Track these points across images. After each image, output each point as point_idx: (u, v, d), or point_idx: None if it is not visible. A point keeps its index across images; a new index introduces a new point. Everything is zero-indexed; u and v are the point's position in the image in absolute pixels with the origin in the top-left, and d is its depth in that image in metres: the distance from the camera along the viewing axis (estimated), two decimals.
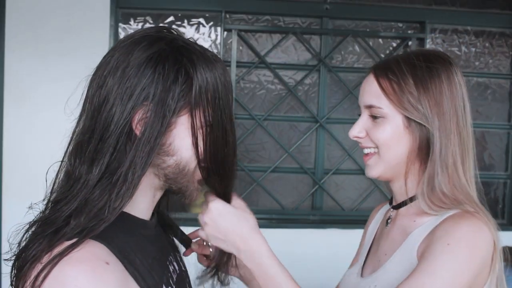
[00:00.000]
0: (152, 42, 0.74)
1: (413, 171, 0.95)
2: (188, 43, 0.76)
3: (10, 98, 2.29)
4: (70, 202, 0.70)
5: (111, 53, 0.75)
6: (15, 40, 2.27)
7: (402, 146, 0.94)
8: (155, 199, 0.82)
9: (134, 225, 0.75)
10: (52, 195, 0.75)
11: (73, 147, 0.75)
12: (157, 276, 0.77)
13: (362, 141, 0.98)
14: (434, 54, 0.97)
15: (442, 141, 0.91)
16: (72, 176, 0.73)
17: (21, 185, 2.28)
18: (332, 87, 2.62)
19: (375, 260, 1.03)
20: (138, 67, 0.72)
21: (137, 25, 2.49)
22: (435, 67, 0.93)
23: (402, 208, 0.99)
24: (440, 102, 0.91)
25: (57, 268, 0.63)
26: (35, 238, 0.68)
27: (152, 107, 0.71)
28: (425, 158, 0.93)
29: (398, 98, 0.92)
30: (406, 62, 0.94)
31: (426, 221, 0.93)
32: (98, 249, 0.67)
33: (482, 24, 2.68)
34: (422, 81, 0.92)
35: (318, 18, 2.58)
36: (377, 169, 0.97)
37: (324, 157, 2.62)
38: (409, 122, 0.92)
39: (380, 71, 0.96)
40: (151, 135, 0.71)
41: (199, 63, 0.74)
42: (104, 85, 0.72)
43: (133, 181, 0.71)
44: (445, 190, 0.91)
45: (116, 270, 0.67)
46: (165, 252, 0.86)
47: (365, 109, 0.98)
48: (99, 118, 0.72)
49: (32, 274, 0.64)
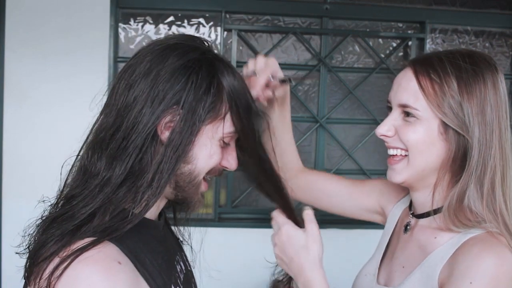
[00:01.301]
0: (187, 50, 0.76)
1: (443, 182, 0.88)
2: (218, 56, 0.79)
3: (10, 98, 2.29)
4: (88, 198, 0.71)
5: (143, 54, 0.76)
6: (15, 40, 2.27)
7: (434, 153, 0.86)
8: (163, 202, 0.84)
9: (143, 226, 0.76)
10: (66, 189, 0.75)
11: (92, 142, 0.76)
12: (166, 276, 0.78)
13: (390, 141, 0.90)
14: (480, 57, 0.89)
15: (481, 154, 0.82)
16: (88, 171, 0.73)
17: (20, 185, 2.28)
18: (332, 87, 2.61)
19: (391, 269, 0.98)
20: (172, 72, 0.73)
21: (137, 25, 2.49)
22: (481, 71, 0.85)
23: (423, 219, 0.92)
24: (484, 111, 0.83)
25: (70, 267, 0.63)
26: (54, 234, 0.68)
27: (182, 114, 0.73)
28: (457, 170, 0.85)
29: (438, 100, 0.83)
30: (451, 62, 0.85)
31: (447, 240, 0.86)
32: (110, 249, 0.67)
33: (482, 24, 2.68)
34: (466, 85, 0.83)
35: (318, 18, 2.58)
36: (403, 174, 0.89)
37: (324, 157, 2.61)
38: (446, 129, 0.84)
39: (421, 67, 0.86)
40: (180, 143, 0.72)
41: (230, 75, 0.77)
42: (135, 85, 0.73)
43: (158, 187, 0.73)
44: (474, 208, 0.83)
45: (128, 270, 0.68)
46: (172, 252, 0.87)
47: (397, 107, 0.89)
48: (127, 117, 0.72)
49: (49, 268, 0.64)
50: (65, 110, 2.26)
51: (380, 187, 1.12)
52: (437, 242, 0.87)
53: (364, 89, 2.62)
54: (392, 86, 0.92)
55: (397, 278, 0.94)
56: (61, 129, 2.21)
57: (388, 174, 0.93)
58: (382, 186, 1.12)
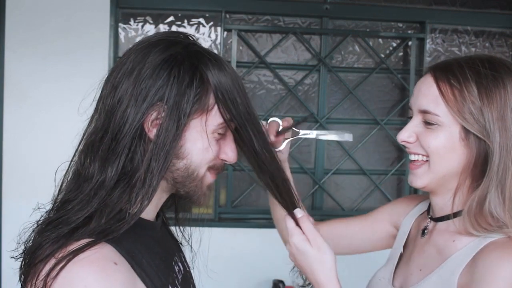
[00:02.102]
0: (169, 45, 0.75)
1: (463, 187, 0.88)
2: (204, 49, 0.77)
3: (10, 98, 2.29)
4: (84, 202, 0.70)
5: (127, 54, 0.76)
6: (15, 40, 2.27)
7: (455, 158, 0.86)
8: (161, 201, 0.83)
9: (140, 227, 0.75)
10: (60, 194, 0.75)
11: (84, 146, 0.76)
12: (163, 276, 0.77)
13: (411, 147, 0.91)
14: (500, 62, 0.88)
15: (502, 159, 0.83)
16: (82, 175, 0.73)
17: (20, 185, 2.28)
18: (332, 87, 2.61)
19: (407, 272, 0.97)
20: (153, 69, 0.72)
21: (137, 25, 2.49)
22: (501, 76, 0.85)
23: (442, 222, 0.93)
24: (505, 116, 0.83)
25: (66, 268, 0.63)
26: (50, 236, 0.68)
27: (166, 110, 0.72)
28: (478, 175, 0.86)
29: (458, 106, 0.84)
30: (470, 67, 0.86)
31: (466, 244, 0.86)
32: (106, 250, 0.67)
33: (482, 24, 2.68)
34: (487, 90, 0.84)
35: (318, 18, 2.58)
36: (424, 179, 0.90)
37: (324, 157, 2.61)
38: (467, 134, 0.85)
39: (441, 73, 0.88)
40: (167, 139, 0.71)
41: (215, 67, 0.75)
42: (119, 85, 0.73)
43: (151, 185, 0.72)
44: (495, 212, 0.83)
45: (124, 270, 0.68)
46: (170, 253, 0.86)
47: (418, 113, 0.90)
48: (113, 118, 0.72)
49: (45, 269, 0.64)
50: (65, 110, 2.25)
51: (388, 209, 1.14)
52: (456, 246, 0.88)
53: (364, 89, 2.62)
54: (413, 92, 0.94)
55: (413, 280, 0.94)
56: (61, 129, 2.21)
57: (410, 178, 0.93)
58: (390, 207, 1.14)
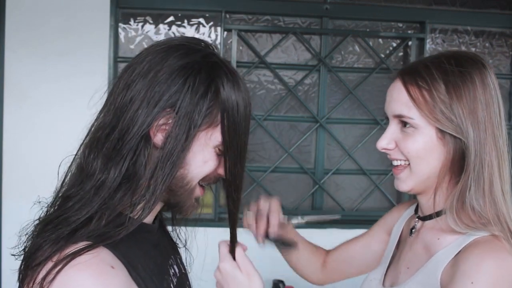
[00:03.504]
0: (188, 52, 0.73)
1: (443, 185, 0.89)
2: (222, 61, 0.76)
3: (10, 98, 2.29)
4: (84, 201, 0.69)
5: (145, 54, 0.74)
6: (15, 40, 2.27)
7: (435, 158, 0.87)
8: (158, 206, 0.82)
9: (138, 230, 0.74)
10: (63, 188, 0.74)
11: (89, 140, 0.74)
12: (158, 280, 0.77)
13: (392, 153, 0.92)
14: (465, 57, 0.89)
15: (477, 153, 0.83)
16: (85, 171, 0.72)
17: (20, 185, 2.28)
18: (332, 87, 2.61)
19: (397, 271, 0.98)
20: (170, 74, 0.71)
21: (137, 25, 2.49)
22: (468, 71, 0.85)
23: (428, 221, 0.94)
24: (475, 111, 0.84)
25: (63, 272, 0.62)
26: (49, 237, 0.67)
27: (177, 118, 0.70)
28: (457, 171, 0.86)
29: (429, 108, 0.85)
30: (437, 67, 0.86)
31: (450, 242, 0.86)
32: (103, 254, 0.66)
33: (482, 24, 2.68)
34: (455, 87, 0.84)
35: (318, 18, 2.58)
36: (409, 183, 0.90)
37: (324, 157, 2.61)
38: (443, 134, 0.85)
39: (409, 77, 0.88)
40: (175, 148, 0.70)
41: (229, 84, 0.73)
42: (133, 85, 0.71)
43: (154, 193, 0.71)
44: (476, 206, 0.84)
45: (121, 274, 0.67)
46: (166, 256, 0.86)
47: (393, 118, 0.90)
48: (123, 117, 0.71)
49: (42, 272, 0.63)
50: (65, 110, 2.26)
51: (383, 220, 1.15)
52: (440, 243, 0.88)
53: (364, 89, 2.62)
54: (386, 98, 0.94)
55: (401, 279, 0.94)
56: (61, 129, 2.21)
57: (395, 183, 0.94)
58: (385, 217, 1.15)
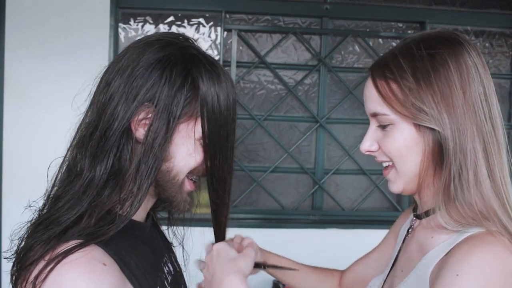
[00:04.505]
0: (165, 45, 0.74)
1: (429, 180, 0.82)
2: (201, 53, 0.76)
3: (10, 98, 2.29)
4: (74, 200, 0.70)
5: (124, 52, 0.75)
6: (15, 40, 2.27)
7: (419, 154, 0.80)
8: (149, 203, 0.82)
9: (129, 227, 0.75)
10: (53, 189, 0.74)
11: (76, 141, 0.76)
12: (151, 278, 0.77)
13: (376, 155, 0.86)
14: (437, 37, 0.80)
15: (456, 141, 0.76)
16: (73, 170, 0.73)
17: (20, 185, 2.28)
18: (332, 87, 2.61)
19: (394, 274, 0.94)
20: (146, 68, 0.71)
21: (137, 25, 2.49)
22: (439, 52, 0.77)
23: (423, 219, 0.88)
24: (448, 95, 0.76)
25: (55, 271, 0.63)
26: (41, 238, 0.67)
27: (155, 111, 0.71)
28: (440, 164, 0.79)
29: (399, 101, 0.78)
30: (404, 55, 0.79)
31: (443, 240, 0.80)
32: (95, 252, 0.67)
33: (482, 24, 2.68)
34: (423, 74, 0.77)
35: (318, 18, 2.58)
36: (398, 183, 0.84)
37: (324, 157, 2.61)
38: (419, 126, 0.78)
39: (378, 71, 0.82)
40: (156, 141, 0.71)
41: (207, 74, 0.73)
42: (112, 82, 0.72)
43: (140, 188, 0.71)
44: (461, 199, 0.76)
45: (113, 271, 0.67)
46: (159, 254, 0.86)
47: (371, 118, 0.85)
48: (104, 114, 0.72)
49: (34, 272, 0.64)
50: (65, 110, 2.23)
51: (392, 227, 1.11)
52: (434, 242, 0.82)
53: None
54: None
55: (396, 282, 0.90)
56: (61, 129, 2.19)
57: (388, 185, 0.89)
58: (395, 223, 1.11)
